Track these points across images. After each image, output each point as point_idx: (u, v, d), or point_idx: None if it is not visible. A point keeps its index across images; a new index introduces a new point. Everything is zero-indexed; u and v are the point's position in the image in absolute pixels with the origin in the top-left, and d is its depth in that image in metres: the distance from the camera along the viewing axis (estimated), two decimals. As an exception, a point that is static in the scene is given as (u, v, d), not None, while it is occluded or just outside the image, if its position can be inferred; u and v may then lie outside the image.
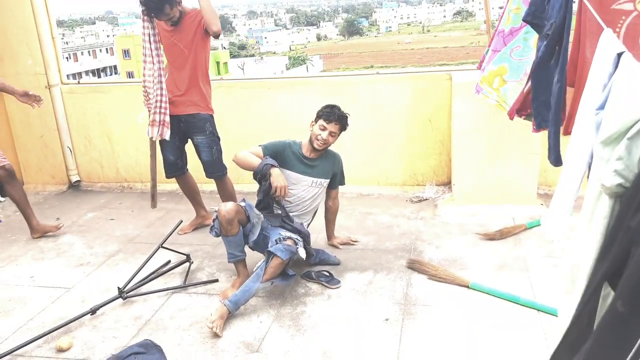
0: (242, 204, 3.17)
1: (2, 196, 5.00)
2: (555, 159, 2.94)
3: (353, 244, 3.68)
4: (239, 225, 3.09)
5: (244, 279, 3.15)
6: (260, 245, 3.19)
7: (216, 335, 2.74)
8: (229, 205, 3.07)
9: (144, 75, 3.62)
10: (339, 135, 3.28)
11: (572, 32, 2.51)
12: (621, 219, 1.09)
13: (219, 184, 3.91)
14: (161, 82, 3.60)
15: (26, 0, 4.76)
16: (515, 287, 3.00)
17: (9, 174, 3.93)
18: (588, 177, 1.63)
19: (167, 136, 3.70)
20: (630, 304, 0.91)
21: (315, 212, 3.48)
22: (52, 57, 4.91)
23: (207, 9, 3.50)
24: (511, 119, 3.20)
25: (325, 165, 3.36)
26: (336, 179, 3.47)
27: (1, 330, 2.92)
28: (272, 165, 3.08)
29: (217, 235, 3.14)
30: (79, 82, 5.44)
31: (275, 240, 3.05)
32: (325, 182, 3.37)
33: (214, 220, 3.13)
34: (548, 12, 2.42)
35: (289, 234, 3.14)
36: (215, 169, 3.82)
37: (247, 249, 3.22)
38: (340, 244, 3.66)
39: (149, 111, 3.68)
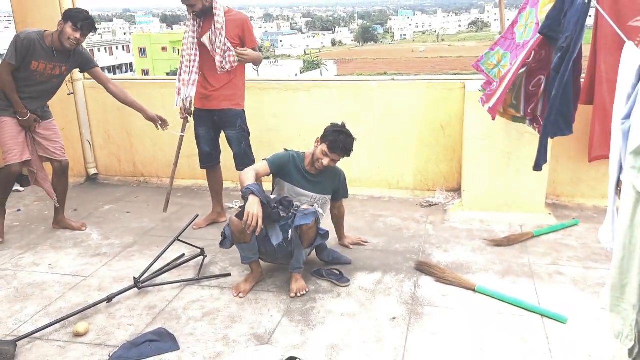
0: None
1: (22, 187, 5.16)
2: (538, 164, 3.02)
3: (363, 244, 3.76)
4: (252, 234, 3.06)
5: (257, 276, 3.26)
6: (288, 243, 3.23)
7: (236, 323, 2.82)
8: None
9: (180, 69, 3.88)
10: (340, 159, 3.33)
11: (588, 48, 2.58)
12: None
13: None
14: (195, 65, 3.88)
15: (54, 1, 4.89)
16: (520, 293, 3.06)
17: (62, 170, 4.08)
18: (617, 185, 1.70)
19: (192, 93, 3.90)
20: None
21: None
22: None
23: (255, 59, 3.85)
24: (493, 118, 3.29)
25: (326, 181, 3.39)
26: (339, 194, 3.52)
27: (21, 314, 3.02)
28: (252, 192, 2.94)
29: (231, 246, 3.20)
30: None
31: (292, 212, 3.17)
32: (326, 198, 3.43)
33: (223, 234, 3.19)
34: (564, 25, 2.49)
35: (306, 206, 3.25)
36: (244, 161, 3.94)
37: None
38: (351, 244, 3.74)
39: (183, 111, 3.99)
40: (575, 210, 4.28)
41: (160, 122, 4.15)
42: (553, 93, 2.52)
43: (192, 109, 4.04)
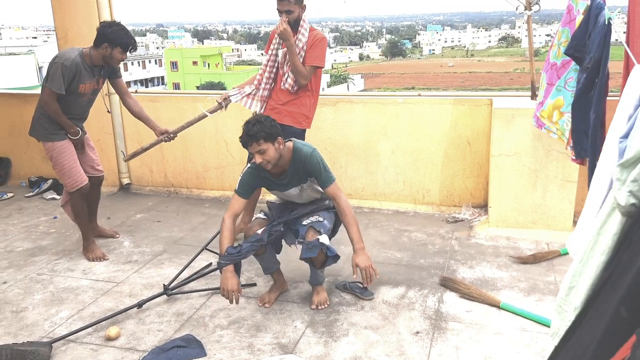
0: (261, 215, 3.28)
1: (58, 195, 5.34)
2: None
3: (372, 276, 3.01)
4: (265, 245, 3.11)
5: (280, 285, 3.33)
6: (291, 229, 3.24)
7: (257, 332, 2.89)
8: (255, 230, 3.12)
9: (260, 80, 3.90)
10: (275, 143, 2.92)
11: (619, 64, 2.59)
12: (628, 234, 1.20)
13: None
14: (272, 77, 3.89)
15: (93, 11, 5.10)
16: (545, 311, 3.05)
17: (99, 182, 4.19)
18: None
19: (256, 109, 3.88)
20: (634, 310, 1.00)
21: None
22: (113, 67, 5.22)
23: (297, 68, 3.66)
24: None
25: (296, 174, 3.10)
26: (319, 179, 3.07)
27: (56, 317, 3.14)
28: (224, 264, 2.91)
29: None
30: (136, 91, 5.74)
31: (298, 242, 3.14)
32: (310, 181, 3.14)
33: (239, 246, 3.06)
34: (589, 46, 2.51)
35: (309, 219, 3.11)
36: None
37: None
38: (362, 268, 2.99)
39: (223, 100, 3.96)
40: (604, 229, 4.23)
41: (167, 135, 4.12)
42: (592, 117, 2.54)
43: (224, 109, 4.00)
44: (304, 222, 3.12)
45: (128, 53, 3.82)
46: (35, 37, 66.06)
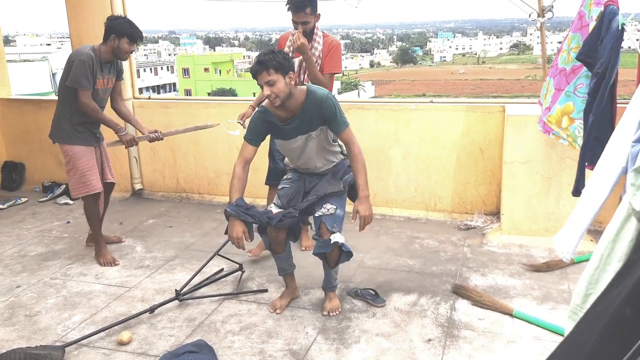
0: (273, 208, 3.12)
1: (71, 200, 5.38)
2: (577, 189, 3.02)
3: (363, 222, 3.00)
4: (285, 244, 3.15)
5: (291, 292, 3.32)
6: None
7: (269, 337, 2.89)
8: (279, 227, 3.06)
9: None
10: (286, 77, 2.80)
11: (630, 71, 2.59)
12: None
13: None
14: None
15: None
16: (559, 319, 3.02)
17: (111, 189, 4.21)
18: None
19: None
20: (639, 309, 0.98)
21: (338, 146, 3.19)
22: (127, 73, 5.27)
23: (312, 70, 3.59)
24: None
25: (306, 119, 2.93)
26: (332, 123, 2.94)
27: (69, 322, 3.16)
28: (230, 214, 2.89)
29: (268, 248, 3.22)
30: (149, 98, 5.80)
31: (313, 237, 3.19)
32: (319, 130, 2.98)
33: (263, 234, 3.15)
34: (600, 51, 2.51)
35: (321, 210, 3.03)
36: None
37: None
38: (361, 215, 2.97)
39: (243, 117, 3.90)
40: (618, 237, 4.19)
41: (155, 134, 4.09)
42: (591, 119, 2.53)
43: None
44: (317, 213, 3.05)
45: (136, 57, 3.85)
46: (49, 44, 66.85)
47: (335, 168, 3.18)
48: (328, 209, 3.03)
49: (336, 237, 2.99)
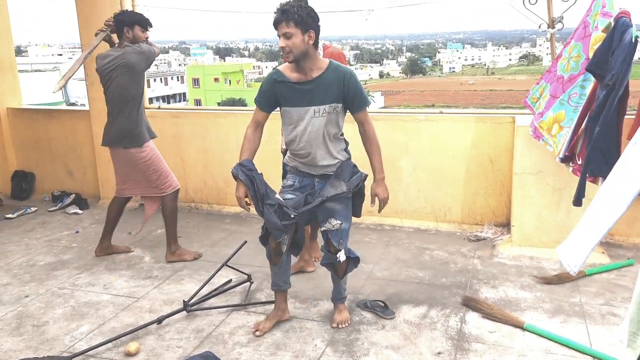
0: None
1: (80, 209, 5.40)
2: (577, 199, 3.00)
3: (382, 204, 3.03)
4: (281, 256, 3.01)
5: (279, 313, 3.14)
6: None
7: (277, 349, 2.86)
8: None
9: None
10: (306, 34, 2.68)
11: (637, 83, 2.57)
12: None
13: None
14: None
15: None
16: (571, 333, 2.98)
17: (125, 201, 4.32)
18: None
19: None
20: None
21: (344, 142, 3.02)
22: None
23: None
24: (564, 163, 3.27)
25: (325, 84, 2.76)
26: (352, 101, 2.82)
27: (76, 332, 3.15)
28: (233, 172, 2.86)
29: (268, 257, 3.09)
30: (159, 107, 5.82)
31: (321, 248, 3.11)
32: (332, 107, 2.80)
33: (264, 228, 2.98)
34: (611, 63, 2.48)
35: (327, 224, 2.92)
36: None
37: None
38: (379, 199, 3.01)
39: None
40: (631, 249, 4.14)
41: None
42: (597, 130, 2.50)
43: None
44: (322, 228, 2.96)
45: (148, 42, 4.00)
46: (60, 54, 67.61)
47: (339, 170, 2.96)
48: (333, 225, 2.93)
49: (342, 255, 2.97)
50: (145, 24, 3.96)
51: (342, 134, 3.00)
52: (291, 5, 2.65)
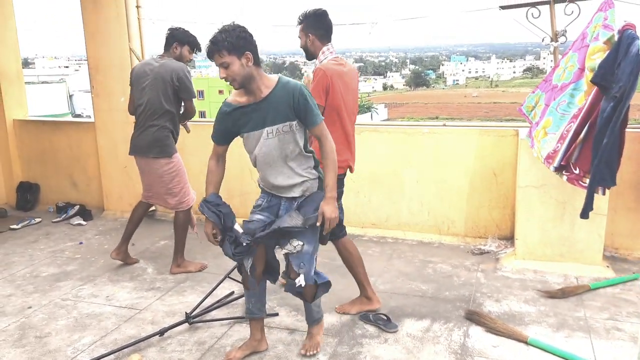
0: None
1: (84, 221, 5.42)
2: (585, 212, 3.01)
3: (328, 224, 2.72)
4: (260, 279, 2.89)
5: (254, 344, 2.97)
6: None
7: None
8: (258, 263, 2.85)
9: None
10: (242, 58, 2.54)
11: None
12: None
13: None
14: None
15: (124, 42, 5.26)
16: (575, 347, 2.95)
17: (149, 207, 4.37)
18: None
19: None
20: None
21: (309, 152, 2.79)
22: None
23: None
24: (549, 167, 3.29)
25: (275, 102, 2.61)
26: (305, 116, 2.63)
27: (78, 344, 3.15)
28: (200, 209, 2.78)
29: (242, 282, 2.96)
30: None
31: (282, 275, 3.00)
32: (286, 126, 2.64)
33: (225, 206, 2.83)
34: (617, 75, 2.49)
35: (287, 247, 2.74)
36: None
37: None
38: (325, 217, 2.69)
39: None
40: (636, 263, 4.11)
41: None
42: (605, 141, 2.50)
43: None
44: (283, 250, 2.77)
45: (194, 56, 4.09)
46: (67, 67, 68.13)
47: (304, 201, 2.75)
48: (295, 246, 2.72)
49: (301, 280, 2.73)
50: (195, 46, 4.04)
51: (310, 151, 2.79)
52: (220, 33, 2.52)
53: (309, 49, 3.36)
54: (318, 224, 2.69)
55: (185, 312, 3.33)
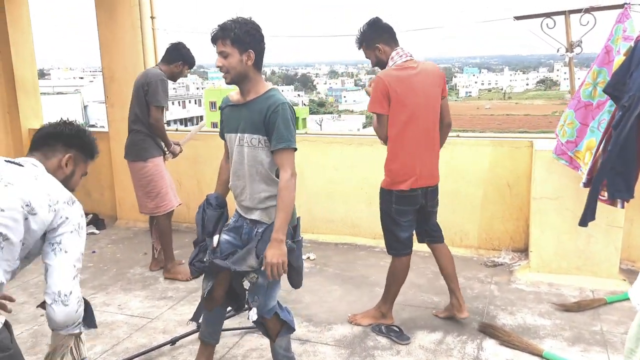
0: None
1: (97, 229, 5.45)
2: (583, 220, 2.97)
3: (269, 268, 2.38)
4: (216, 303, 2.71)
5: None
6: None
7: None
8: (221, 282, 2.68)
9: None
10: (244, 54, 2.38)
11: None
12: None
13: None
14: None
15: (139, 53, 5.33)
16: (592, 362, 2.90)
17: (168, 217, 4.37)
18: None
19: None
20: None
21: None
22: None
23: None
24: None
25: (252, 110, 2.43)
26: (274, 134, 2.37)
27: (90, 352, 3.14)
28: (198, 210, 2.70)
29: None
30: (176, 130, 5.89)
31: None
32: (255, 139, 2.42)
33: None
34: (629, 85, 2.47)
35: (249, 276, 2.48)
36: None
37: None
38: (267, 262, 2.36)
39: None
40: (653, 277, 4.04)
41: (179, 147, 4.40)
42: (610, 148, 2.48)
43: None
44: (243, 280, 2.56)
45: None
46: (82, 77, 69.02)
47: (260, 238, 2.48)
48: (250, 278, 2.48)
49: (253, 315, 2.50)
50: (192, 66, 4.22)
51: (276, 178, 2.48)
52: (232, 21, 2.39)
53: (382, 60, 3.23)
54: (263, 268, 2.38)
55: (197, 322, 3.31)
